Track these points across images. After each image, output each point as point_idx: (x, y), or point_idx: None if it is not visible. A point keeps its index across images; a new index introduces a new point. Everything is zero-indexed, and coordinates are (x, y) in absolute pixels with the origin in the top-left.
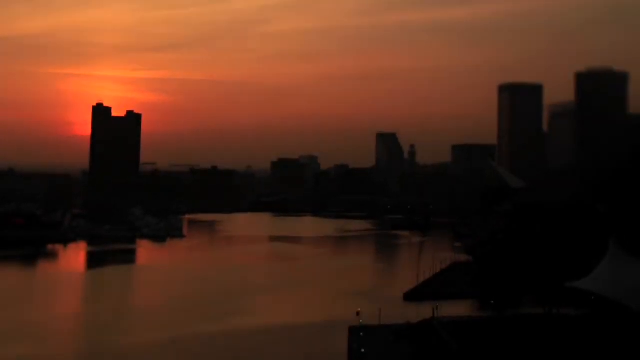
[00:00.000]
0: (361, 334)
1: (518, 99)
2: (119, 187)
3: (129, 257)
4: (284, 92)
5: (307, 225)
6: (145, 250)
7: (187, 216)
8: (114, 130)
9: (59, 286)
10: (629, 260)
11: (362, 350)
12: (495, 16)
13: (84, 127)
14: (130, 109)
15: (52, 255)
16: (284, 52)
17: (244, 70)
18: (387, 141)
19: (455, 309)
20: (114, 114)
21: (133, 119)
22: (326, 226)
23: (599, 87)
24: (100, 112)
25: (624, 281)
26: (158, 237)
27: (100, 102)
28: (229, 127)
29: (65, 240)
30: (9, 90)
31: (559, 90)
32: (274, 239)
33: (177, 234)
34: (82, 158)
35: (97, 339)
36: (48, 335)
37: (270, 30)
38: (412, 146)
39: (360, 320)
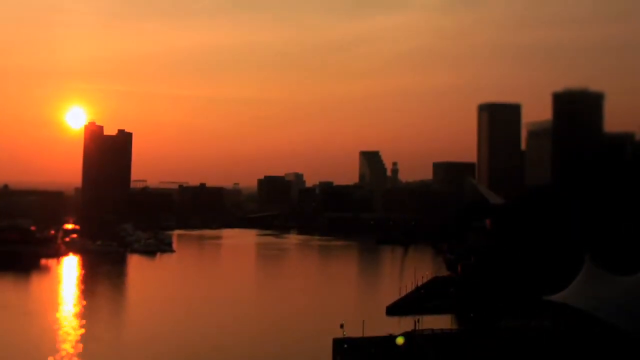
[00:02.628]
0: (345, 345)
1: (497, 118)
2: (110, 203)
3: (119, 273)
4: (276, 111)
5: (292, 242)
6: (136, 266)
7: (177, 232)
8: (106, 148)
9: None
10: (603, 275)
11: None
12: (473, 39)
13: (76, 144)
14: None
15: (45, 271)
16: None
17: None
18: (371, 159)
19: (436, 322)
20: (107, 132)
21: (124, 137)
22: (310, 242)
23: (575, 106)
24: (92, 131)
25: (598, 295)
26: (148, 252)
27: (92, 121)
28: (219, 145)
29: (58, 255)
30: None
31: (537, 110)
32: (260, 252)
33: (167, 249)
34: (75, 175)
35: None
36: None
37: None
38: (394, 164)
39: (344, 333)
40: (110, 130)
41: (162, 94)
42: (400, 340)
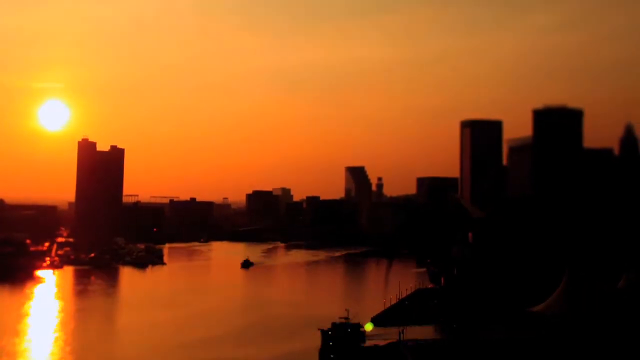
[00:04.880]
0: (332, 356)
1: (479, 134)
2: (103, 217)
3: (111, 285)
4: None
5: (280, 255)
6: (128, 278)
7: (167, 245)
8: (99, 164)
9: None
10: (583, 287)
11: None
12: (454, 57)
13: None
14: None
15: (39, 282)
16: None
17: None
18: (356, 174)
19: (420, 332)
20: (99, 148)
21: (117, 153)
22: (297, 255)
23: (554, 123)
24: (86, 147)
25: (578, 306)
26: (140, 265)
27: (85, 137)
28: (208, 161)
29: (53, 267)
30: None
31: (517, 126)
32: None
33: (158, 261)
34: (68, 190)
35: None
36: None
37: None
38: (379, 179)
39: (331, 343)
40: (103, 146)
41: (158, 109)
42: (369, 327)
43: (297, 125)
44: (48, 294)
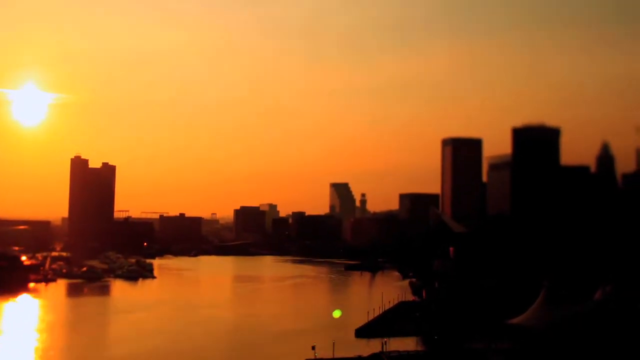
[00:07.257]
0: None
1: (459, 151)
2: (95, 232)
3: (103, 297)
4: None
5: (267, 268)
6: (119, 291)
7: (158, 259)
8: (91, 181)
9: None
10: (559, 300)
11: None
12: (436, 75)
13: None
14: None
15: (31, 295)
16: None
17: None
18: (340, 190)
19: (403, 344)
20: (92, 165)
21: (108, 170)
22: (284, 268)
23: (533, 140)
24: (78, 164)
25: (554, 318)
26: (131, 278)
27: (78, 154)
28: (197, 178)
29: (46, 281)
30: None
31: (497, 144)
32: (236, 279)
33: (148, 275)
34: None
35: None
36: None
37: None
38: (363, 195)
39: (316, 354)
40: (95, 163)
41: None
42: (337, 314)
43: (284, 142)
44: (40, 305)
